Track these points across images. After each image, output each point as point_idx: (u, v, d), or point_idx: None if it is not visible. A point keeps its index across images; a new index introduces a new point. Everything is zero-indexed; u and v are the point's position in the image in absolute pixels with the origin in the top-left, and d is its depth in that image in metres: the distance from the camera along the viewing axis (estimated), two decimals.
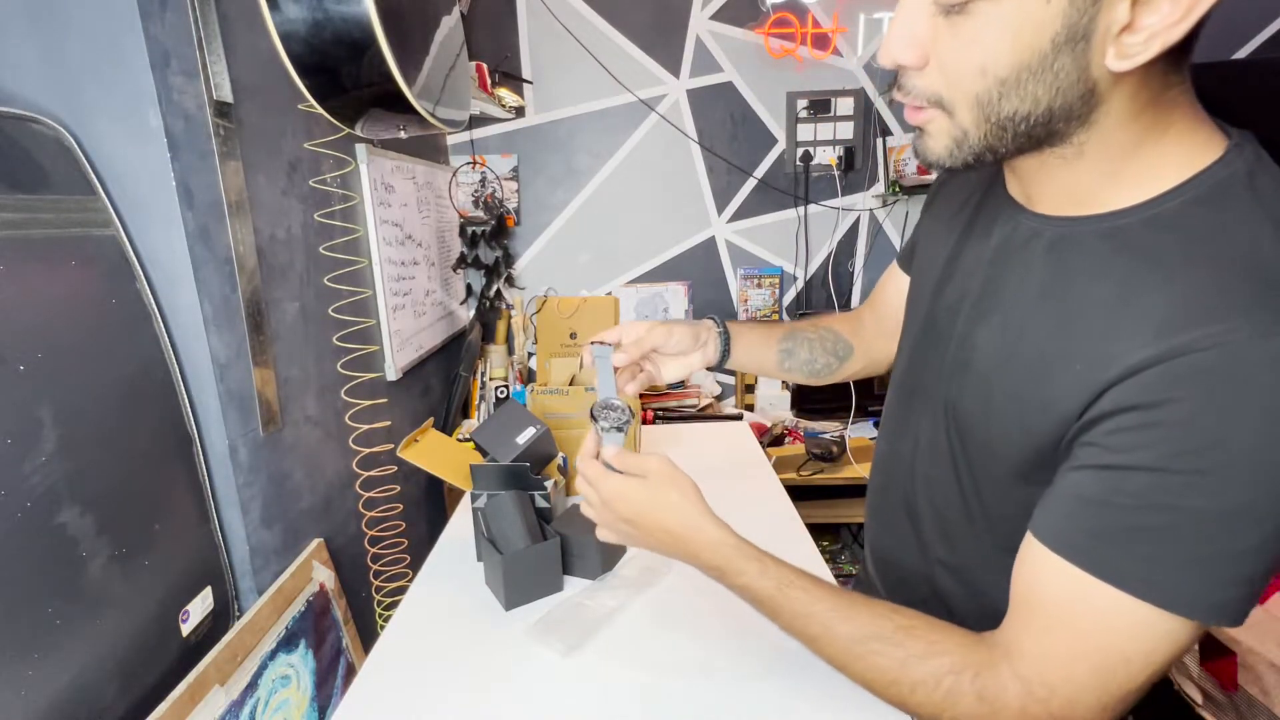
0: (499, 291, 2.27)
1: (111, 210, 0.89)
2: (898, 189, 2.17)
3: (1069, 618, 0.46)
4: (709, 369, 1.42)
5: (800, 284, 2.31)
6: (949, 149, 0.49)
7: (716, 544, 0.61)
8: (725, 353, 0.83)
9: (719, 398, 2.31)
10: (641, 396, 2.15)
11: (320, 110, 0.98)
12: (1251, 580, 0.42)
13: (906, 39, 0.47)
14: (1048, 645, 0.47)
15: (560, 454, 1.21)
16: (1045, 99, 0.44)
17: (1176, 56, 0.42)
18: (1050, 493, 0.48)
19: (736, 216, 2.27)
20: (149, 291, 0.92)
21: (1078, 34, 0.41)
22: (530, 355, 2.23)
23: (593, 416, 0.71)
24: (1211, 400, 0.40)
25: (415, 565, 1.50)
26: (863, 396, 2.17)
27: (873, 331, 0.90)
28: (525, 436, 1.10)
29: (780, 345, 0.87)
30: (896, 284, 0.84)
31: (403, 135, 1.10)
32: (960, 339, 0.58)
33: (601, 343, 0.75)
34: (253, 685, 0.98)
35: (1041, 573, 0.47)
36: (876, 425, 2.16)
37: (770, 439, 2.07)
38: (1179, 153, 0.46)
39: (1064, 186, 0.50)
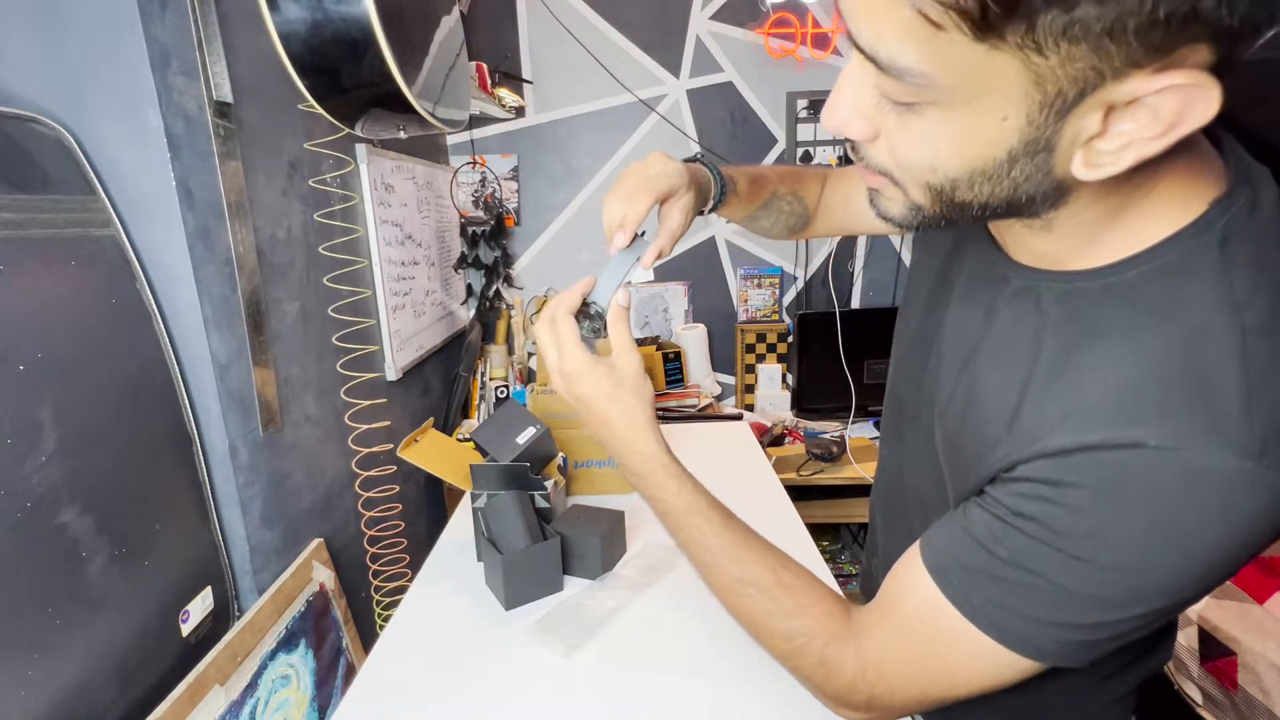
0: (499, 291, 2.27)
1: (111, 210, 0.89)
2: None
3: (916, 627, 0.50)
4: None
5: (800, 284, 2.31)
6: (905, 216, 0.46)
7: (648, 455, 0.62)
8: (714, 207, 0.79)
9: (719, 398, 2.31)
10: None
11: (320, 110, 0.98)
12: (1092, 644, 0.44)
13: (852, 111, 0.42)
14: (891, 642, 0.51)
15: (560, 454, 1.21)
16: (1003, 195, 0.41)
17: None
18: (951, 514, 0.50)
19: None
20: (149, 291, 0.92)
21: (1037, 147, 0.37)
22: (530, 355, 2.23)
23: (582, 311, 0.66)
24: (1105, 496, 0.40)
25: (415, 565, 1.50)
26: (863, 397, 2.17)
27: (824, 209, 0.88)
28: (525, 436, 1.10)
29: (755, 210, 0.85)
30: (861, 205, 0.82)
31: (403, 135, 1.10)
32: (931, 375, 0.59)
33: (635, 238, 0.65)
34: (253, 685, 0.98)
35: (911, 580, 0.50)
36: (877, 425, 2.16)
37: (770, 439, 2.07)
38: (1161, 211, 0.42)
39: (1033, 248, 0.48)
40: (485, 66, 1.91)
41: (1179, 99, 0.33)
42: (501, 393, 2.13)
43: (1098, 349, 0.43)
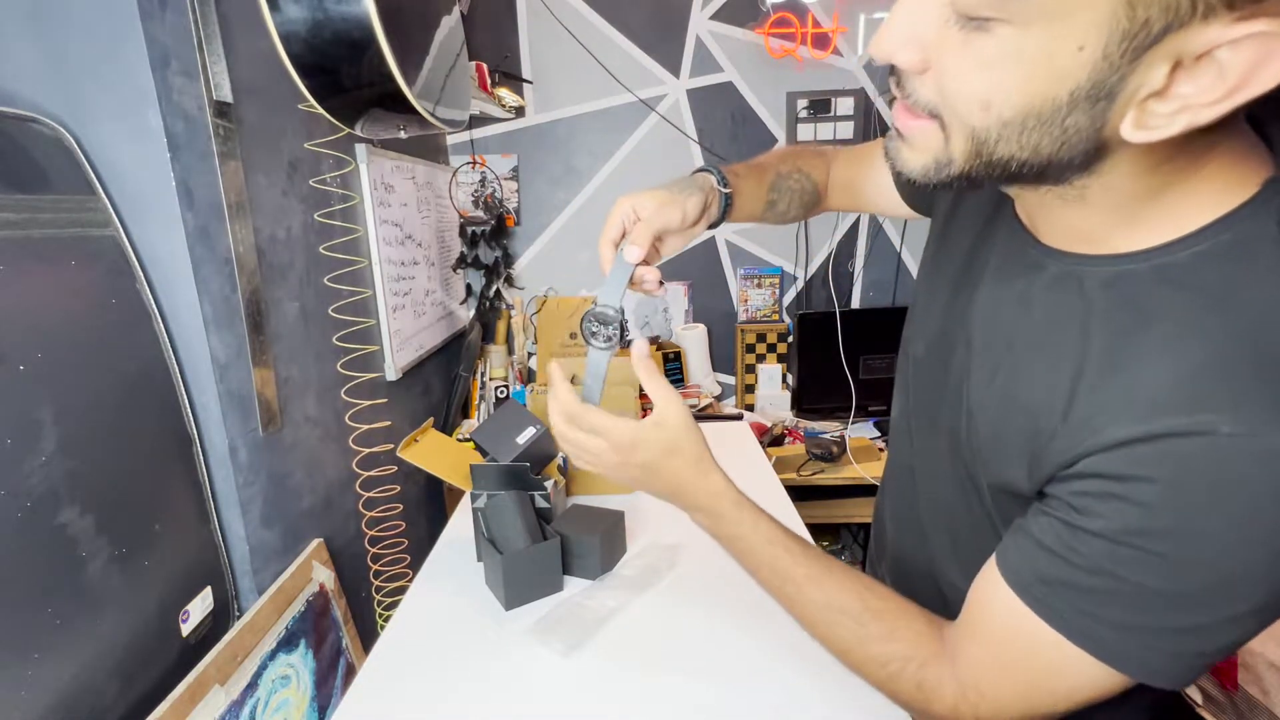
0: (499, 291, 2.27)
1: (111, 210, 0.89)
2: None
3: (1005, 643, 0.48)
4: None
5: (800, 284, 2.31)
6: (927, 169, 0.44)
7: (720, 494, 0.62)
8: (723, 215, 0.75)
9: (719, 398, 2.31)
10: (641, 396, 2.15)
11: (320, 110, 0.98)
12: (1201, 654, 0.42)
13: (907, 36, 0.40)
14: (984, 659, 0.50)
15: (560, 454, 1.21)
16: (1047, 151, 0.39)
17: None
18: (1019, 524, 0.49)
19: None
20: (149, 291, 0.92)
21: (1102, 92, 0.36)
22: (530, 355, 2.23)
23: (582, 329, 0.63)
24: (1179, 489, 0.39)
25: (415, 565, 1.50)
26: (863, 397, 2.17)
27: (832, 189, 0.88)
28: (525, 436, 1.10)
29: (768, 197, 0.84)
30: (878, 186, 0.82)
31: (403, 135, 1.10)
32: (959, 370, 0.57)
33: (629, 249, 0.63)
34: (253, 685, 0.98)
35: (992, 596, 0.49)
36: (877, 425, 2.16)
37: (770, 439, 2.07)
38: (1209, 191, 0.41)
39: (1068, 225, 0.47)
40: (485, 66, 1.91)
41: (1254, 53, 0.32)
42: (501, 393, 2.13)
43: (1155, 334, 0.41)
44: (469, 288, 2.22)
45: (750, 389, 2.33)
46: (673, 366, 2.25)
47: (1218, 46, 0.33)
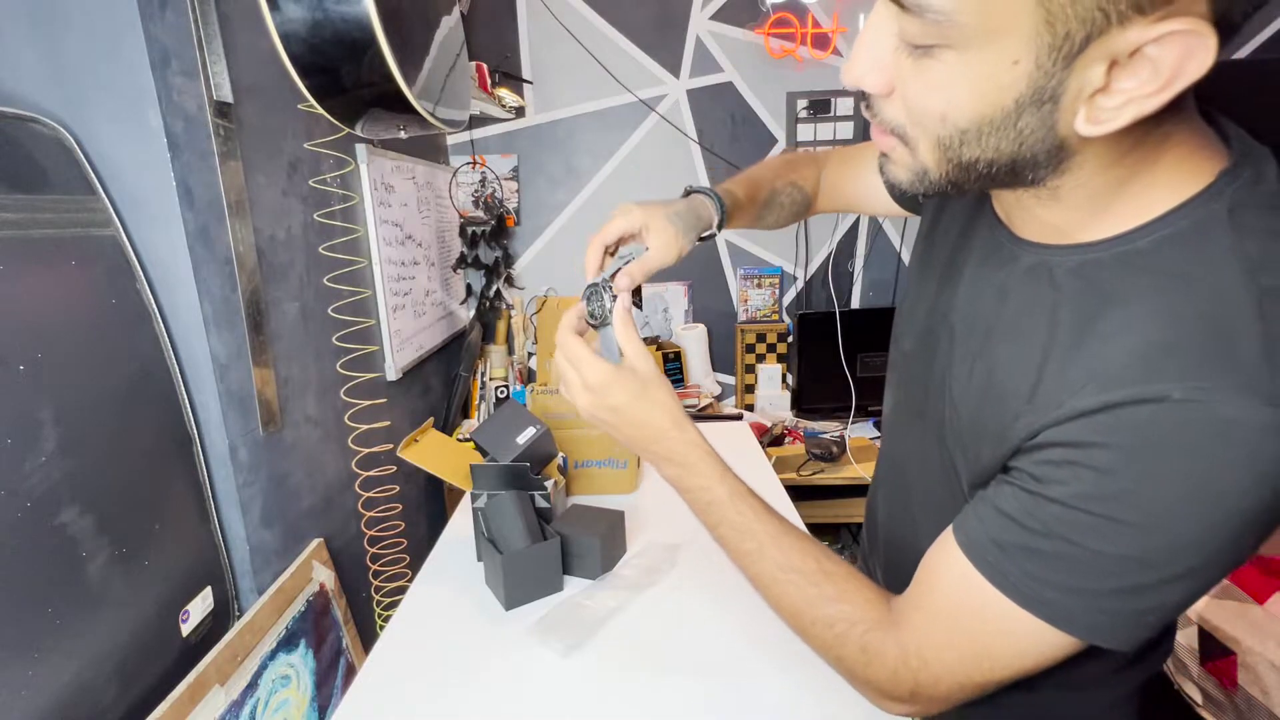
0: (499, 291, 2.27)
1: (111, 210, 0.89)
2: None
3: (954, 610, 0.50)
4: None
5: (800, 284, 2.31)
6: (911, 180, 0.48)
7: (693, 443, 0.64)
8: (720, 225, 0.81)
9: (719, 398, 2.31)
10: None
11: (320, 110, 0.98)
12: (1140, 613, 0.44)
13: (871, 64, 0.44)
14: (930, 627, 0.51)
15: (560, 454, 1.21)
16: (1008, 151, 0.42)
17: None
18: (980, 494, 0.50)
19: None
20: (149, 291, 0.92)
21: (1044, 96, 0.39)
22: (530, 355, 2.23)
23: (585, 297, 0.71)
24: (1133, 455, 0.41)
25: (415, 565, 1.50)
26: (863, 396, 2.17)
27: (822, 194, 0.91)
28: (525, 436, 1.10)
29: (760, 210, 0.87)
30: (868, 186, 0.84)
31: (403, 135, 1.10)
32: (944, 361, 0.58)
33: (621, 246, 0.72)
34: (253, 685, 0.98)
35: (945, 563, 0.51)
36: (877, 425, 2.16)
37: (770, 439, 2.07)
38: (1169, 182, 0.44)
39: (1041, 220, 0.49)
40: (485, 66, 1.91)
41: (1178, 48, 0.35)
42: (501, 393, 2.13)
43: (1116, 315, 0.44)
44: (469, 288, 2.23)
45: (750, 389, 2.33)
46: (673, 366, 2.25)
47: (1144, 45, 0.36)
